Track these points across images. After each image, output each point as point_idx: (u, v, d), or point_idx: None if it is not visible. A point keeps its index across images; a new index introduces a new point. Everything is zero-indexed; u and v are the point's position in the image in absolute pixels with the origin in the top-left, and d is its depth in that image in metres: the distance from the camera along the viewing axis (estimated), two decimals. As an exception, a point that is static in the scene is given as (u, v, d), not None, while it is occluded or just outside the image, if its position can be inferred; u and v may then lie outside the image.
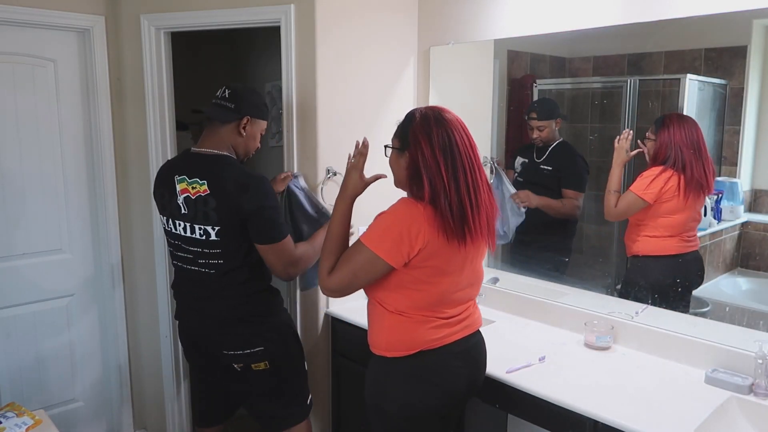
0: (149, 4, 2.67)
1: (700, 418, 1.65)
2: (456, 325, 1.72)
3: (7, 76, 2.54)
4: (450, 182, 1.57)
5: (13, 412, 1.81)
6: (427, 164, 1.59)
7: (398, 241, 1.58)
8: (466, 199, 1.59)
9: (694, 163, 2.08)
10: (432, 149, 1.59)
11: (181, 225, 2.06)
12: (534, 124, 2.59)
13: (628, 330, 2.14)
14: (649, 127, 2.21)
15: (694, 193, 2.10)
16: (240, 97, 2.08)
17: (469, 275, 1.72)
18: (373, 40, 2.59)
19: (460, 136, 1.61)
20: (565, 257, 2.59)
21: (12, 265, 2.64)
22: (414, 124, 1.64)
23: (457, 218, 1.58)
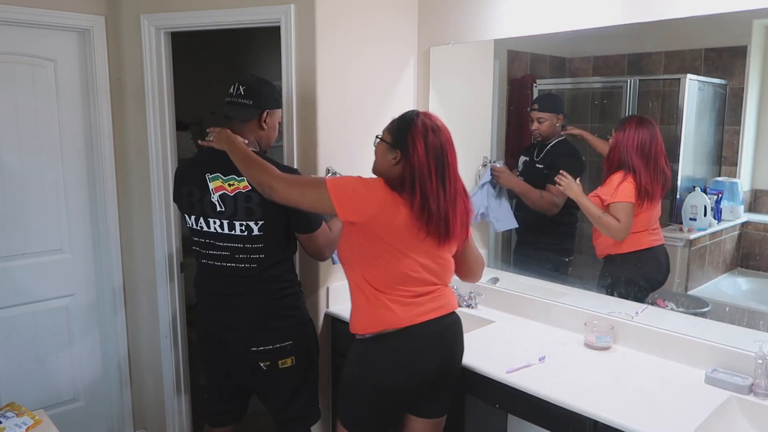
0: (149, 4, 2.67)
1: (700, 418, 1.65)
2: (424, 305, 1.83)
3: (7, 76, 2.54)
4: (438, 189, 1.75)
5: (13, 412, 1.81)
6: (420, 170, 1.74)
7: (353, 196, 1.76)
8: (450, 206, 1.77)
9: (643, 169, 2.15)
10: (427, 156, 1.74)
11: (216, 222, 2.07)
12: (534, 115, 2.59)
13: (628, 330, 2.14)
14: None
15: (644, 197, 2.18)
16: (256, 92, 2.11)
17: (436, 263, 1.84)
18: (373, 40, 2.59)
19: (450, 146, 1.80)
20: (566, 257, 2.59)
21: (12, 265, 2.63)
22: (414, 129, 1.77)
23: (442, 221, 1.75)
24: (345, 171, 2.53)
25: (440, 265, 1.85)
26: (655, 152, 2.16)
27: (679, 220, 2.22)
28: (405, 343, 1.81)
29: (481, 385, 1.98)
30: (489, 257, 2.85)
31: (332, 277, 2.59)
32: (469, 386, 2.04)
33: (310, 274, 2.57)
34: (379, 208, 1.75)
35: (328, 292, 2.58)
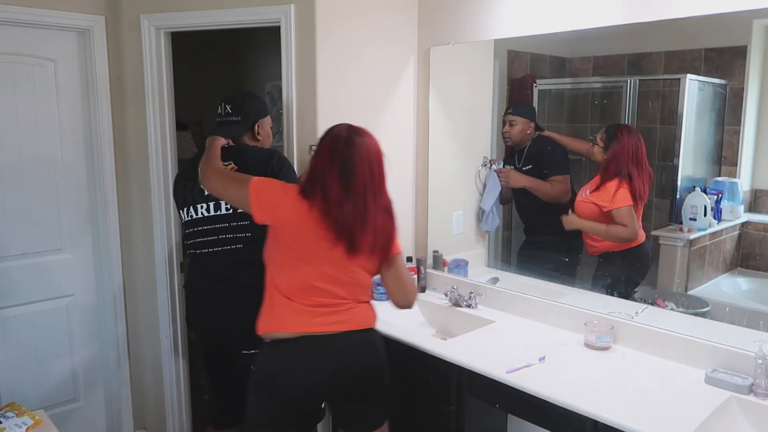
0: (149, 4, 2.67)
1: (700, 418, 1.65)
2: (323, 317, 1.83)
3: (7, 76, 2.54)
4: (343, 198, 1.77)
5: (13, 412, 1.81)
6: (323, 175, 1.78)
7: (269, 198, 1.81)
8: (357, 219, 1.77)
9: (636, 175, 2.24)
10: (331, 163, 1.79)
11: (203, 207, 2.15)
12: (508, 118, 2.68)
13: (628, 330, 2.14)
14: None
15: (638, 200, 2.27)
16: (241, 107, 2.23)
17: (346, 276, 1.84)
18: (373, 40, 2.59)
19: (362, 161, 1.80)
20: (575, 256, 2.59)
21: (12, 265, 2.63)
22: (326, 137, 1.85)
23: (346, 231, 1.77)
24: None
25: (351, 279, 1.85)
26: (642, 156, 2.25)
27: (679, 220, 2.23)
28: (291, 351, 1.82)
29: (481, 385, 1.99)
30: (489, 257, 2.86)
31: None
32: (469, 386, 2.04)
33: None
34: (288, 210, 1.79)
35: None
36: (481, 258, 2.85)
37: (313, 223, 1.77)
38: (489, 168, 2.75)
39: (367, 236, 1.80)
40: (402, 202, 2.84)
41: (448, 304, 2.61)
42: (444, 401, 2.13)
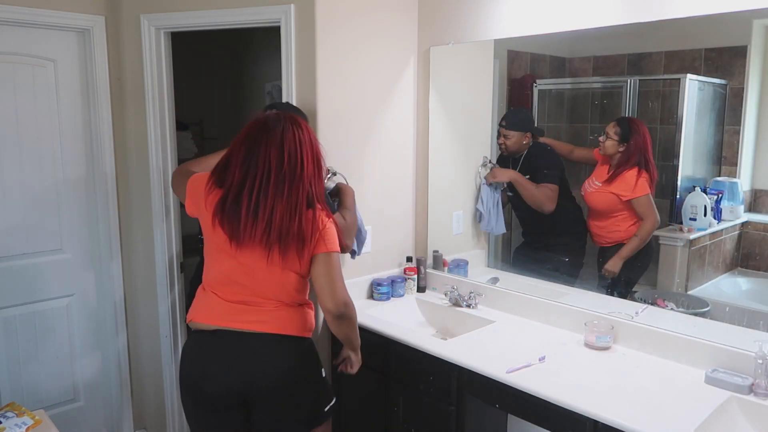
0: (149, 4, 2.67)
1: (700, 418, 1.65)
2: (231, 314, 1.79)
3: (7, 76, 2.54)
4: (237, 180, 1.71)
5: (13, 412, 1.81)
6: (230, 156, 1.75)
7: (196, 190, 1.81)
8: (245, 203, 1.70)
9: (653, 165, 2.29)
10: (240, 147, 1.73)
11: None
12: (501, 131, 2.68)
13: (628, 330, 2.14)
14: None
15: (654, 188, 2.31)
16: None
17: (262, 273, 1.77)
18: (373, 40, 2.59)
19: (272, 148, 1.71)
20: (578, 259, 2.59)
21: (12, 265, 2.63)
22: (251, 122, 1.78)
23: (228, 213, 1.71)
24: (345, 171, 2.53)
25: (268, 276, 1.77)
26: (651, 149, 2.30)
27: (679, 220, 2.23)
28: (204, 343, 1.82)
29: (481, 385, 1.99)
30: (489, 257, 2.85)
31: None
32: (469, 386, 2.04)
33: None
34: (205, 201, 1.78)
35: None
36: (481, 258, 2.85)
37: (214, 208, 1.75)
38: (488, 168, 2.75)
39: (257, 230, 1.70)
40: (402, 202, 2.84)
41: (448, 304, 2.61)
42: (444, 401, 2.13)
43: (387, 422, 2.38)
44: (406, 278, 2.75)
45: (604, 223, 2.45)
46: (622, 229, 2.38)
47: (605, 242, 2.45)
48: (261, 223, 1.70)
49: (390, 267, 2.80)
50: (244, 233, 1.71)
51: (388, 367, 2.34)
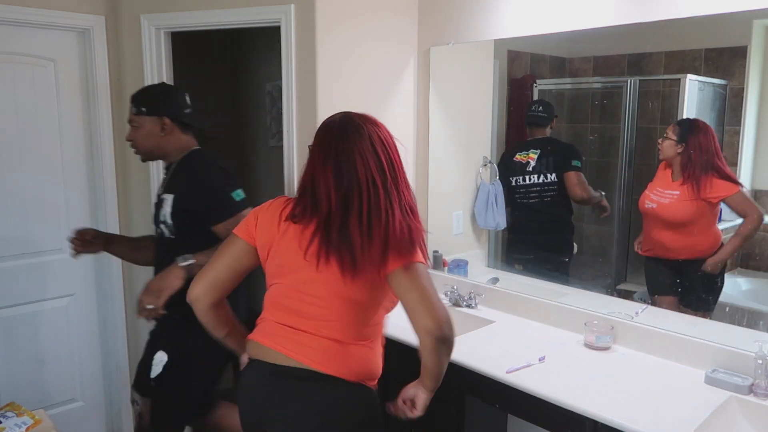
0: (149, 4, 2.67)
1: (700, 418, 1.65)
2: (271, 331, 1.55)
3: (7, 76, 2.54)
4: (337, 206, 1.44)
5: (13, 412, 1.81)
6: (315, 182, 1.48)
7: (247, 220, 1.58)
8: (356, 227, 1.43)
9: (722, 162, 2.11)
10: (324, 168, 1.47)
11: None
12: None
13: (628, 330, 2.14)
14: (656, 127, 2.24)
15: None
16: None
17: (320, 299, 1.50)
18: (373, 39, 2.59)
19: (363, 156, 1.46)
20: (565, 257, 2.59)
21: (12, 264, 2.63)
22: (317, 134, 1.54)
23: (337, 243, 1.43)
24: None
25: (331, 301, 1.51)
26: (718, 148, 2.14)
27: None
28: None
29: (481, 385, 1.98)
30: (489, 257, 2.85)
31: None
32: (469, 386, 2.04)
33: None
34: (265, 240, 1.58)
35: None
36: (481, 258, 2.85)
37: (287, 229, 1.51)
38: (488, 168, 2.75)
39: (373, 249, 1.43)
40: (402, 202, 2.84)
41: (448, 304, 2.61)
42: (444, 401, 2.12)
43: (387, 422, 2.38)
44: (406, 278, 2.74)
45: (679, 235, 2.23)
46: (707, 237, 2.19)
47: (685, 256, 2.23)
48: (377, 243, 1.43)
49: (390, 267, 2.80)
50: (362, 259, 1.43)
51: (387, 366, 2.33)
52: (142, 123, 2.12)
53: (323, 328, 1.51)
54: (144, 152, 2.17)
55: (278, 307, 1.55)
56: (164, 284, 1.91)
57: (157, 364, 2.06)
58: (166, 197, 2.08)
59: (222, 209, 2.00)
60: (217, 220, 1.99)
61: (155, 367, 2.06)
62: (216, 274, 1.57)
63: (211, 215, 2.01)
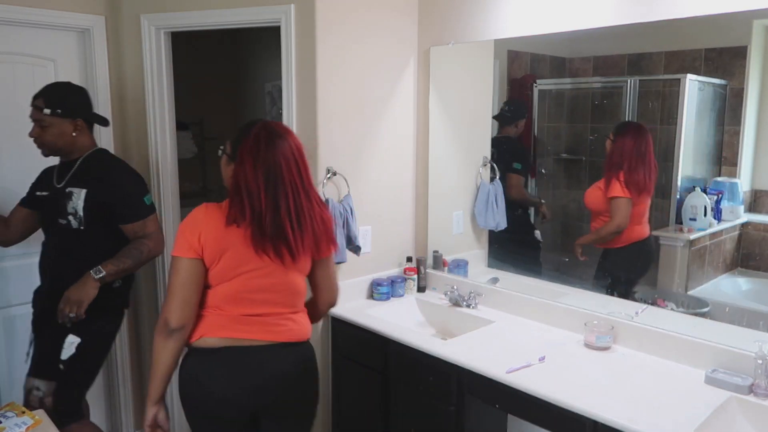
0: (149, 4, 2.67)
1: (700, 418, 1.65)
2: (252, 325, 1.73)
3: (7, 76, 2.54)
4: (268, 206, 1.66)
5: (13, 411, 1.80)
6: (248, 186, 1.66)
7: (188, 239, 1.68)
8: (287, 222, 1.67)
9: (628, 169, 2.29)
10: (255, 173, 1.66)
11: None
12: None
13: (628, 330, 2.14)
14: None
15: (636, 192, 2.30)
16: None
17: (281, 285, 1.75)
18: (373, 39, 2.59)
19: (287, 161, 1.69)
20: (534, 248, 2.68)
21: (12, 264, 2.63)
22: (244, 143, 1.69)
23: (273, 238, 1.67)
24: (345, 171, 2.54)
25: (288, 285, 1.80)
26: (642, 151, 2.29)
27: (680, 221, 2.22)
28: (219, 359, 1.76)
29: (481, 385, 1.99)
30: (489, 257, 2.85)
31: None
32: (469, 386, 2.04)
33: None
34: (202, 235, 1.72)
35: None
36: (481, 258, 2.85)
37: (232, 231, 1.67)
38: (488, 168, 2.75)
39: (306, 238, 1.71)
40: (402, 202, 2.84)
41: (448, 304, 2.61)
42: (444, 401, 2.13)
43: (387, 422, 2.38)
44: (406, 278, 2.75)
45: (593, 222, 2.48)
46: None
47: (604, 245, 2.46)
48: (308, 236, 1.73)
49: (390, 267, 2.80)
50: (297, 252, 1.71)
51: (388, 367, 2.34)
52: (55, 123, 2.20)
53: (287, 307, 1.79)
54: (51, 150, 2.26)
55: (243, 302, 1.74)
56: (83, 295, 2.10)
57: (69, 345, 2.18)
58: (76, 191, 2.21)
59: (134, 211, 2.22)
60: (128, 220, 2.22)
61: (67, 349, 2.18)
62: (188, 297, 1.70)
63: (123, 215, 2.21)
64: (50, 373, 2.21)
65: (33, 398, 2.18)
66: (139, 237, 2.24)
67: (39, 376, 2.22)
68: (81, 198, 2.19)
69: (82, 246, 2.20)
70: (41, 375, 2.21)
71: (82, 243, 2.21)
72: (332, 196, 2.51)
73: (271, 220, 1.66)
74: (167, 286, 1.71)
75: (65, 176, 2.25)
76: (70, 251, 2.22)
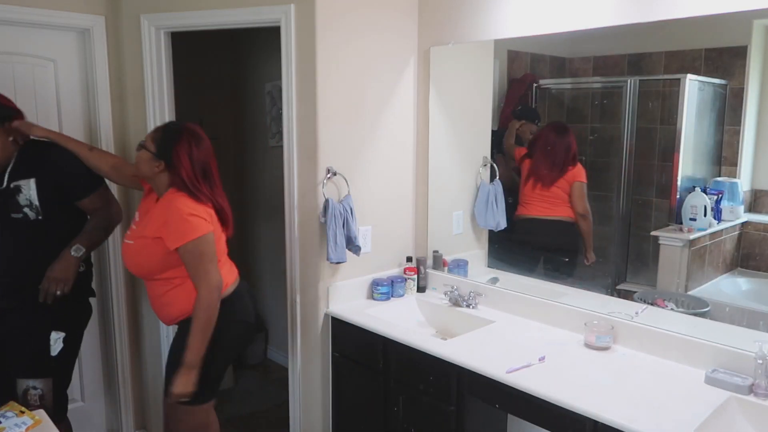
0: (149, 4, 2.67)
1: (700, 418, 1.65)
2: (233, 266, 2.27)
3: (7, 76, 2.54)
4: (207, 193, 2.09)
5: (13, 411, 1.80)
6: (192, 182, 2.04)
7: (203, 217, 2.04)
8: (223, 202, 2.14)
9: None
10: (194, 171, 2.06)
11: None
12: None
13: (628, 330, 2.14)
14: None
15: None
16: None
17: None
18: (373, 39, 2.59)
19: (212, 157, 2.14)
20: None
21: None
22: (179, 144, 2.06)
23: (223, 215, 2.15)
24: (345, 171, 2.54)
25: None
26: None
27: (679, 221, 2.22)
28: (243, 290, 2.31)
29: (481, 385, 1.99)
30: (489, 257, 2.85)
31: (333, 277, 2.59)
32: (469, 386, 2.04)
33: (309, 273, 2.57)
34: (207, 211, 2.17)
35: (328, 293, 2.58)
36: (481, 258, 2.85)
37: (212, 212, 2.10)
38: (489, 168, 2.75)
39: (228, 212, 2.17)
40: (402, 202, 2.84)
41: (448, 304, 2.61)
42: (444, 401, 2.13)
43: (387, 422, 2.38)
44: (406, 278, 2.75)
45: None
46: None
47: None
48: (228, 211, 2.18)
49: (390, 267, 2.80)
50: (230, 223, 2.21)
51: (388, 367, 2.34)
52: None
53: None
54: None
55: (224, 253, 2.21)
56: (68, 273, 2.19)
57: (56, 342, 2.24)
58: (24, 183, 2.19)
59: (86, 184, 2.30)
60: (83, 195, 2.28)
61: (55, 345, 2.24)
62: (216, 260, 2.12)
63: (76, 191, 2.28)
64: (45, 371, 2.22)
65: (32, 397, 2.18)
66: (98, 208, 2.29)
67: (35, 376, 2.21)
68: (31, 188, 2.18)
69: (44, 235, 2.21)
70: (37, 374, 2.22)
71: (43, 232, 2.21)
72: (332, 196, 2.51)
73: (219, 202, 2.13)
74: (200, 258, 2.02)
75: (4, 174, 2.20)
76: (30, 244, 2.21)
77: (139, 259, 2.11)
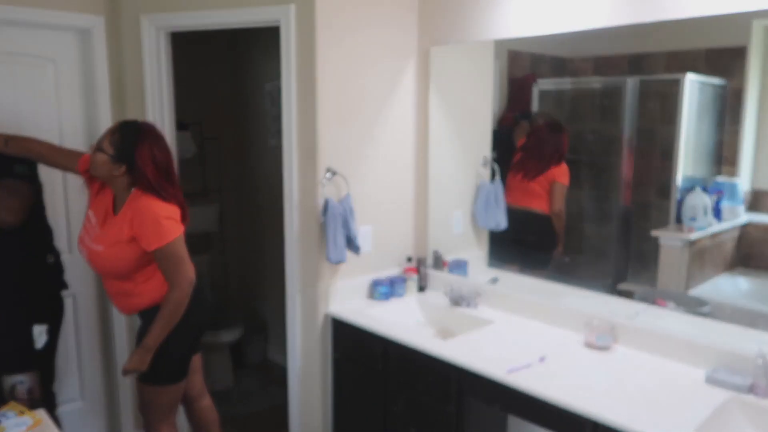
0: (149, 4, 2.67)
1: (700, 418, 1.65)
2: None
3: (7, 76, 2.54)
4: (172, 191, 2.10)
5: (13, 411, 1.80)
6: (159, 184, 2.05)
7: (176, 220, 2.09)
8: (182, 198, 2.15)
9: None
10: (158, 173, 2.06)
11: None
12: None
13: (628, 330, 2.14)
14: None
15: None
16: None
17: None
18: (373, 39, 2.59)
19: (170, 154, 2.14)
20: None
21: None
22: (140, 147, 2.03)
23: (184, 211, 2.15)
24: (344, 171, 2.54)
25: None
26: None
27: (680, 220, 2.22)
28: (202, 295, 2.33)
29: (481, 386, 1.99)
30: (489, 257, 2.85)
31: (333, 277, 2.59)
32: (469, 386, 2.04)
33: (309, 273, 2.57)
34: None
35: (328, 293, 2.58)
36: (481, 258, 2.85)
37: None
38: (488, 168, 2.75)
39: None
40: (402, 202, 2.84)
41: (448, 304, 2.61)
42: (444, 402, 2.13)
43: (387, 422, 2.38)
44: (406, 278, 2.74)
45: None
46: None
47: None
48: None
49: (390, 267, 2.80)
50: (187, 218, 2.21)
51: (388, 367, 2.34)
52: None
53: None
54: None
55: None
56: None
57: (39, 335, 2.30)
58: None
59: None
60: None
61: (39, 338, 2.30)
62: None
63: None
64: (29, 365, 2.25)
65: (19, 392, 2.20)
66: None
67: (20, 370, 2.23)
68: None
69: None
70: (22, 369, 2.24)
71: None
72: (332, 196, 2.51)
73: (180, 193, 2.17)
74: (176, 259, 2.07)
75: None
76: None
77: (117, 263, 2.11)
